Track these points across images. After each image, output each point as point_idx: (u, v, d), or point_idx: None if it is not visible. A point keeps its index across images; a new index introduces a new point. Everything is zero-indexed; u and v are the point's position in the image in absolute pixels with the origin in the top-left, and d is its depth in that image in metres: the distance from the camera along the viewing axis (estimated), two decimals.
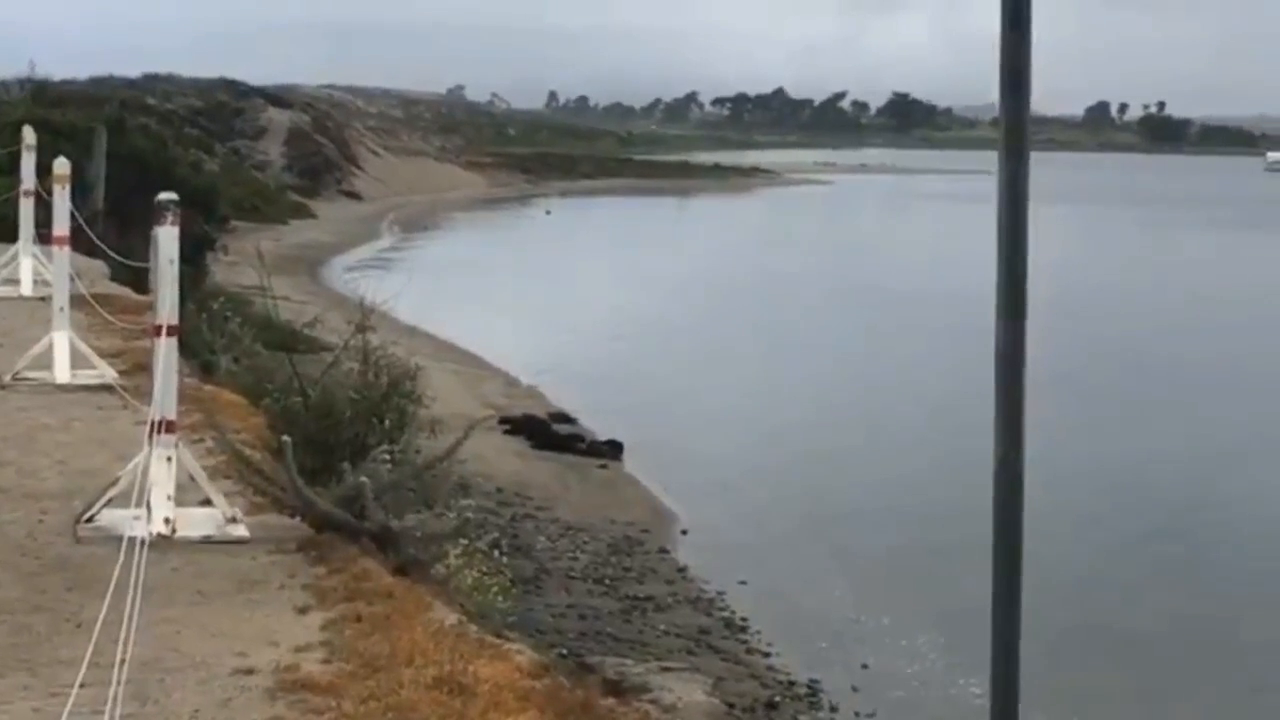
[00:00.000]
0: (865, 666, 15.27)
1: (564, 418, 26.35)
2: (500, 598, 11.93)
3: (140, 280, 15.97)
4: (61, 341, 12.63)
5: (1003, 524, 3.64)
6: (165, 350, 8.47)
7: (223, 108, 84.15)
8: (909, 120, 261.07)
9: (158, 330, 8.52)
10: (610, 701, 7.05)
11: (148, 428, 8.47)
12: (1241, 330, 40.85)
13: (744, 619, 16.34)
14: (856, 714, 14.05)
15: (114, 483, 8.51)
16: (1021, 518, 3.63)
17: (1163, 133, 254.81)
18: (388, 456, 9.54)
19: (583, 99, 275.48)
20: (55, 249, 13.30)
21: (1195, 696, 15.08)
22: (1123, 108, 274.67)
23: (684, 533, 19.89)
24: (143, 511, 8.12)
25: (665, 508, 21.07)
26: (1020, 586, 3.64)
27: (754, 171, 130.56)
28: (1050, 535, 17.12)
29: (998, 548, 3.64)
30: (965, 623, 13.93)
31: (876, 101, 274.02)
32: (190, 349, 13.26)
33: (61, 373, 12.51)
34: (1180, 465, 25.06)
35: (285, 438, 8.69)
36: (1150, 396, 31.11)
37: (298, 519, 8.55)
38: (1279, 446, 26.29)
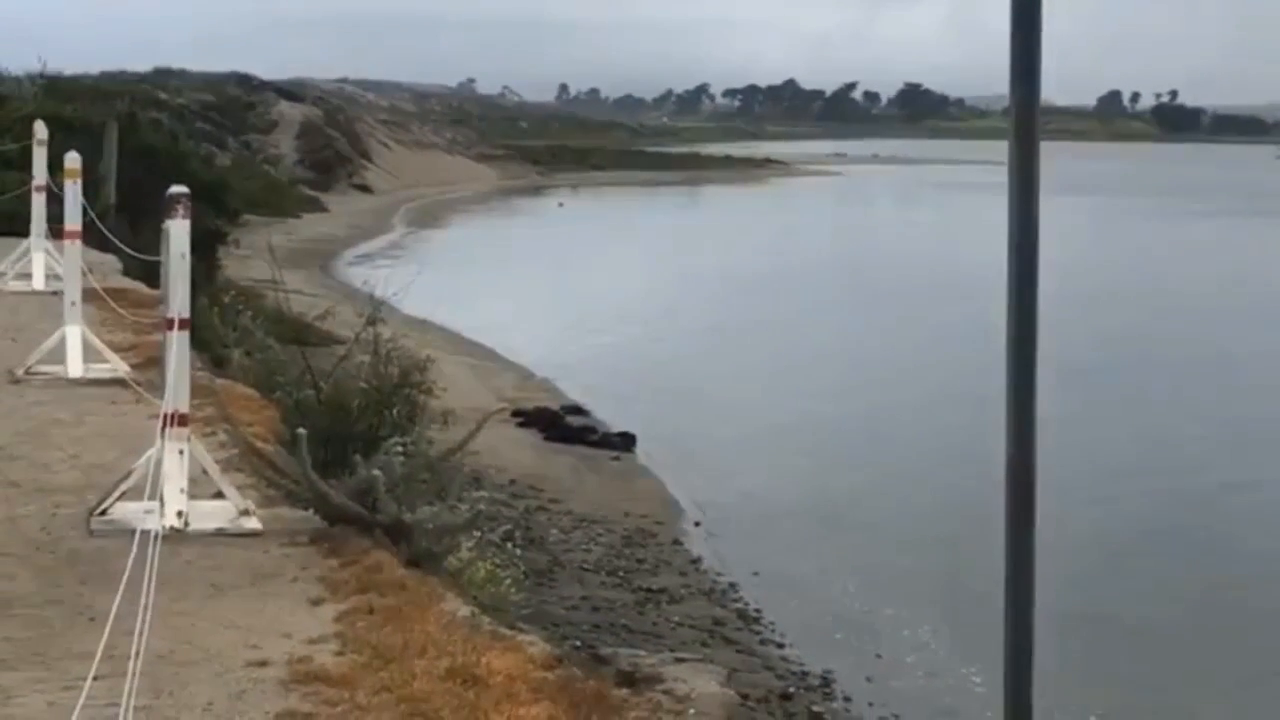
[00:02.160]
0: (879, 656, 15.27)
1: (577, 410, 26.35)
2: (513, 590, 11.93)
3: (152, 274, 15.96)
4: (74, 336, 12.66)
5: (1014, 516, 3.63)
6: (177, 344, 8.48)
7: (234, 102, 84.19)
8: (920, 111, 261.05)
9: (169, 324, 8.53)
10: (623, 692, 7.06)
11: (160, 421, 8.48)
12: (1257, 319, 40.75)
13: (757, 610, 16.34)
14: (870, 704, 14.05)
15: (127, 476, 8.53)
16: (1034, 509, 3.63)
17: (1175, 122, 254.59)
18: (400, 449, 9.54)
19: (594, 91, 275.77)
20: (67, 243, 13.35)
21: (1209, 684, 15.06)
22: (1135, 97, 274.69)
23: (697, 524, 19.89)
24: (156, 505, 8.14)
25: (678, 499, 21.06)
26: (1033, 572, 3.64)
27: (766, 163, 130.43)
28: (1060, 523, 17.10)
29: (1010, 540, 3.64)
30: (976, 612, 13.93)
31: (888, 92, 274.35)
32: (202, 342, 13.28)
33: (74, 367, 12.54)
34: (1193, 452, 25.01)
35: (300, 430, 8.70)
36: (1164, 384, 31.06)
37: (310, 511, 8.57)
38: None
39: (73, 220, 13.31)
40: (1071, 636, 14.69)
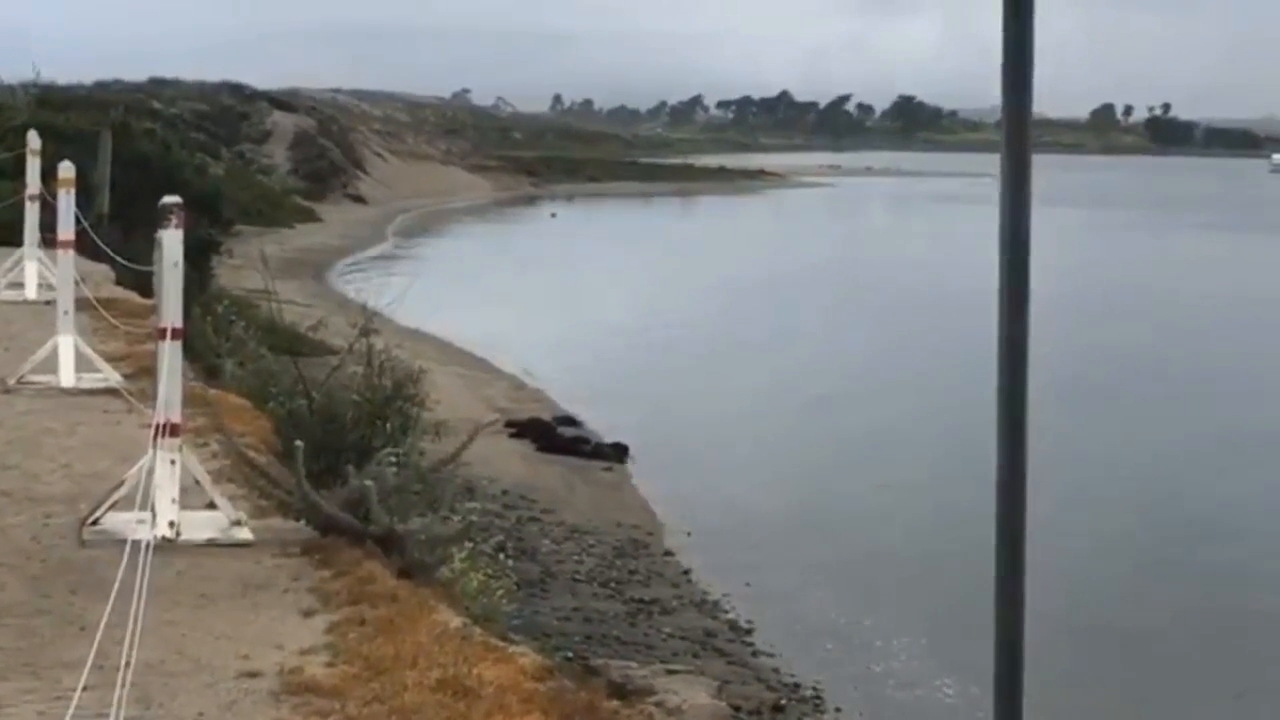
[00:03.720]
0: (870, 667, 15.27)
1: (569, 420, 26.36)
2: (505, 600, 11.93)
3: (145, 284, 15.96)
4: (66, 345, 12.64)
5: (1005, 531, 3.62)
6: (169, 353, 8.46)
7: (228, 112, 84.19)
8: (914, 123, 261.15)
9: (162, 333, 8.52)
10: (615, 704, 7.05)
11: (152, 431, 8.47)
12: (1248, 332, 40.79)
13: (749, 621, 16.34)
14: (861, 714, 14.05)
15: (118, 486, 8.51)
16: (1024, 523, 3.62)
17: (1168, 135, 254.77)
18: (393, 460, 9.53)
19: (588, 102, 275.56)
20: (60, 253, 13.32)
21: (1201, 694, 15.06)
22: (1128, 110, 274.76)
23: (689, 535, 19.89)
24: (147, 515, 8.12)
25: (670, 510, 21.05)
26: (1023, 587, 3.63)
27: (760, 174, 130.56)
28: (1052, 535, 17.12)
29: (1000, 553, 3.63)
30: (967, 623, 13.93)
31: (881, 104, 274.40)
32: (195, 352, 13.27)
33: (66, 376, 12.52)
34: (1183, 464, 25.02)
35: (298, 442, 8.69)
36: (1157, 397, 31.08)
37: (302, 522, 8.56)
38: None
39: (66, 229, 13.29)
40: (1062, 645, 14.69)
